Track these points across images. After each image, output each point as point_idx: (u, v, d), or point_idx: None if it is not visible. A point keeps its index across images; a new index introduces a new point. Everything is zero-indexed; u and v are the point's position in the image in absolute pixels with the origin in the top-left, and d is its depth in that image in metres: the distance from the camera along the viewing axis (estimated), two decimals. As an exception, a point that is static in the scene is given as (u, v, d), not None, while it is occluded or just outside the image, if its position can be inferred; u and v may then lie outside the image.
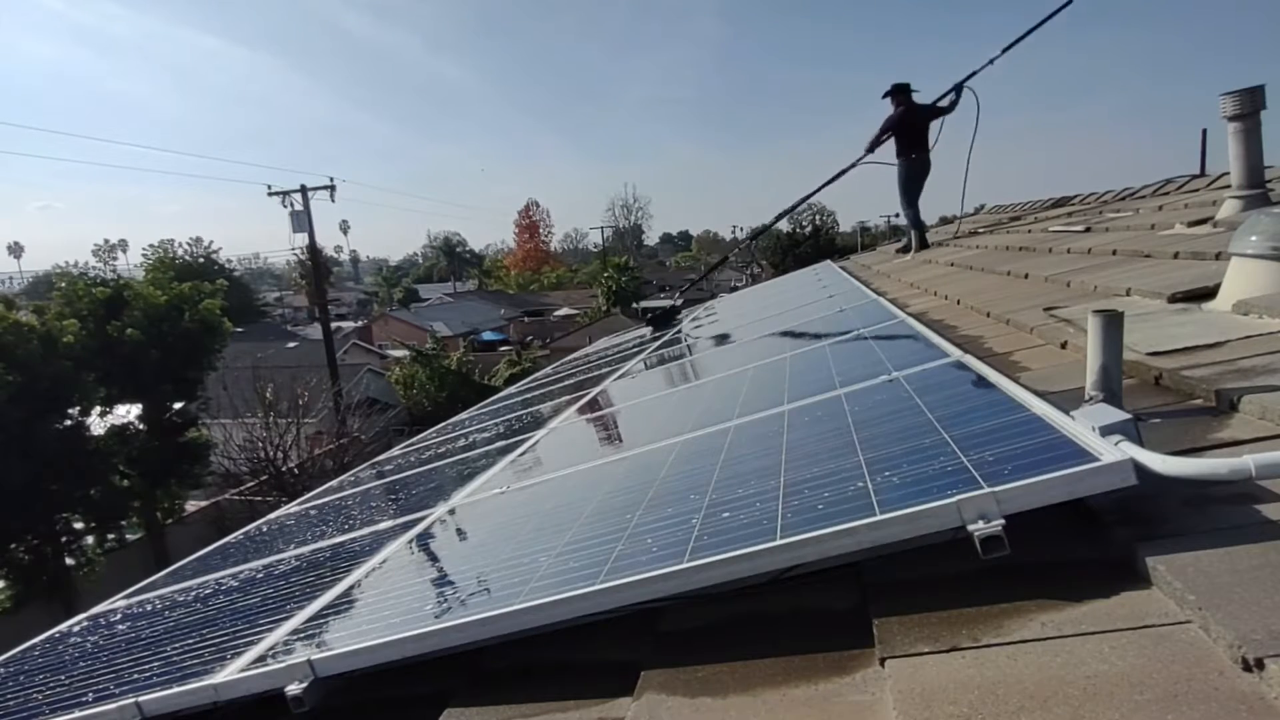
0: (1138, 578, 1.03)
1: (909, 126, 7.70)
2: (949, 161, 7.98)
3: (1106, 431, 1.15)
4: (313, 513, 3.48)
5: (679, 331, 6.72)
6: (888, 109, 7.80)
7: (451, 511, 2.34)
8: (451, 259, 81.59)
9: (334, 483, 4.46)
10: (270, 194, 22.25)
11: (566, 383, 5.62)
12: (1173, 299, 2.46)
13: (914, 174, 7.80)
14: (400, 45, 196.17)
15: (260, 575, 2.39)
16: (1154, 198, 5.83)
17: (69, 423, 12.75)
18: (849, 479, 1.35)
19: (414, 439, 5.58)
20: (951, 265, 5.82)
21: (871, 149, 8.02)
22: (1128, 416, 1.18)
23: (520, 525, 1.88)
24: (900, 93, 7.73)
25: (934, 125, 7.72)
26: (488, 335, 39.92)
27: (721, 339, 5.07)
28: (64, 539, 12.96)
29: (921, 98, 7.77)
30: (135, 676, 1.71)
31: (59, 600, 11.98)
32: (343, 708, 1.42)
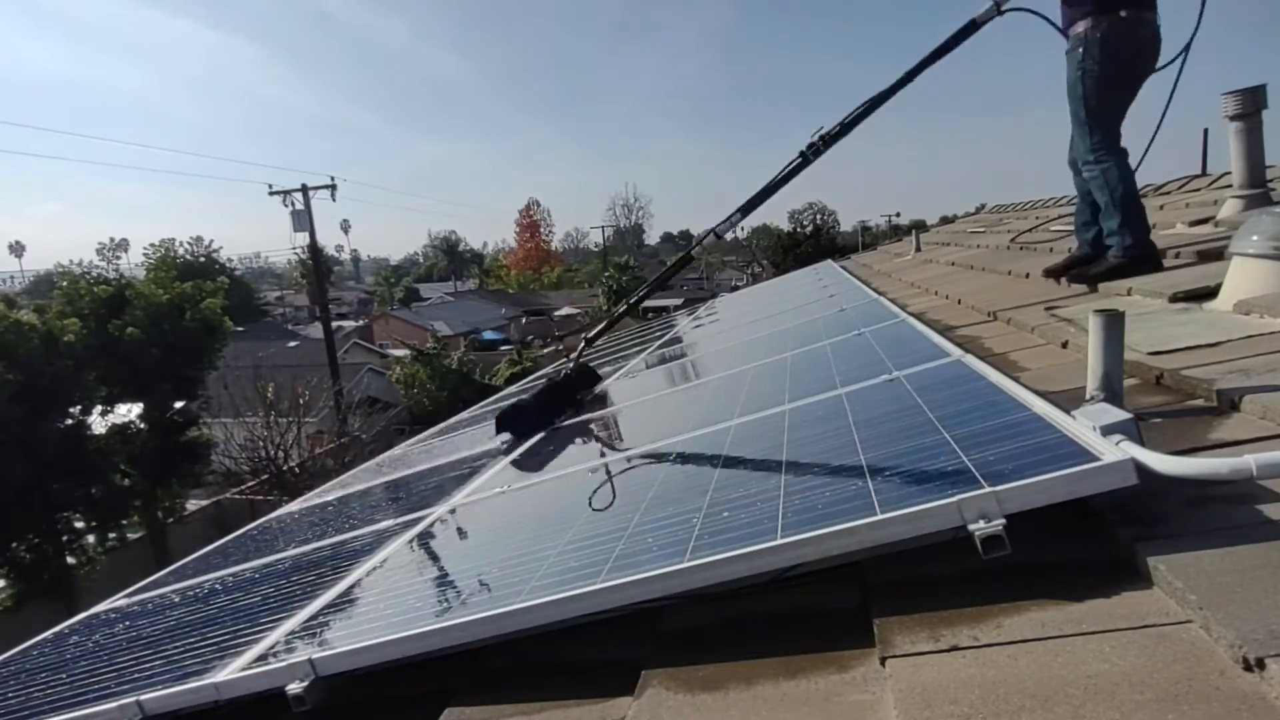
0: (1138, 577, 1.03)
1: None
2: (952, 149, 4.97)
3: (1107, 431, 1.15)
4: (313, 512, 3.48)
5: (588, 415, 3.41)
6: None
7: (452, 511, 2.34)
8: (452, 258, 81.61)
9: (334, 482, 4.46)
10: (271, 193, 22.28)
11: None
12: (1174, 299, 2.46)
13: (1116, 64, 2.97)
14: (401, 43, 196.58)
15: (261, 574, 2.39)
16: (1155, 197, 5.82)
17: (70, 422, 12.78)
18: (850, 478, 1.35)
19: (414, 438, 5.58)
20: (952, 265, 5.83)
21: None
22: (1129, 416, 1.18)
23: (521, 524, 1.88)
24: None
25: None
26: (488, 335, 39.88)
27: (722, 338, 5.07)
28: (65, 538, 12.97)
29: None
30: (136, 675, 1.71)
31: (60, 599, 11.99)
32: (343, 707, 1.42)
